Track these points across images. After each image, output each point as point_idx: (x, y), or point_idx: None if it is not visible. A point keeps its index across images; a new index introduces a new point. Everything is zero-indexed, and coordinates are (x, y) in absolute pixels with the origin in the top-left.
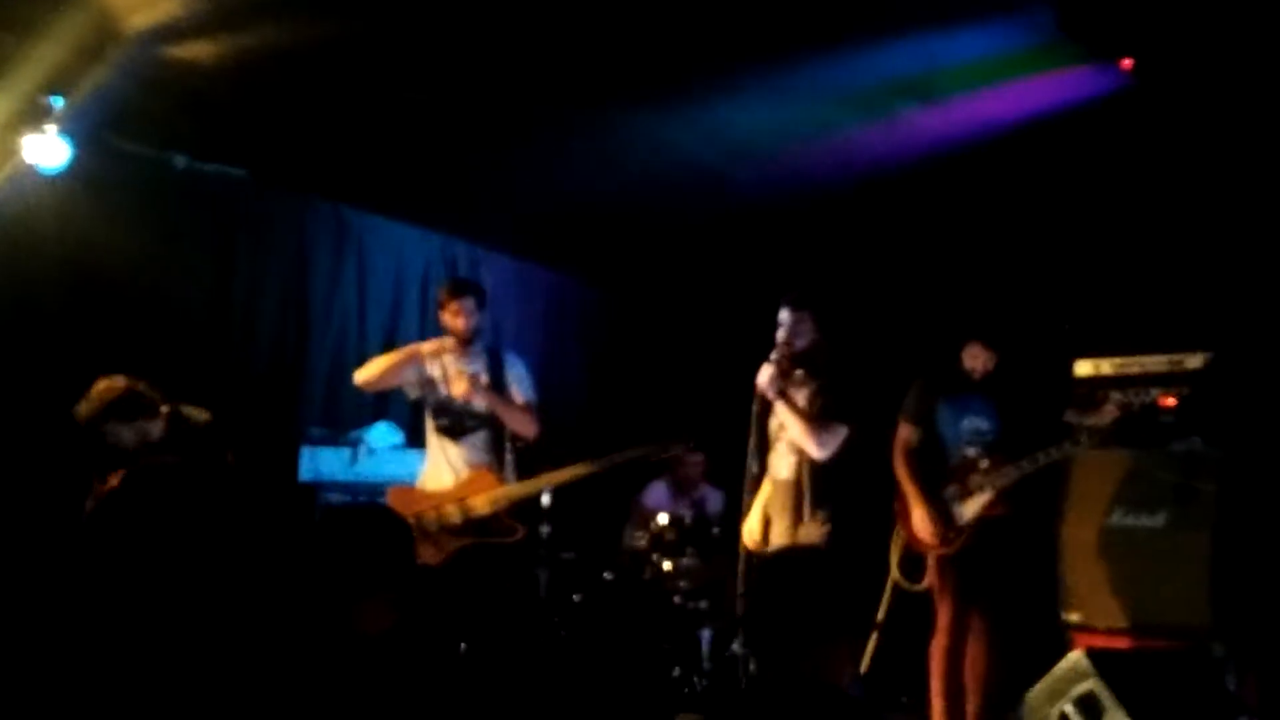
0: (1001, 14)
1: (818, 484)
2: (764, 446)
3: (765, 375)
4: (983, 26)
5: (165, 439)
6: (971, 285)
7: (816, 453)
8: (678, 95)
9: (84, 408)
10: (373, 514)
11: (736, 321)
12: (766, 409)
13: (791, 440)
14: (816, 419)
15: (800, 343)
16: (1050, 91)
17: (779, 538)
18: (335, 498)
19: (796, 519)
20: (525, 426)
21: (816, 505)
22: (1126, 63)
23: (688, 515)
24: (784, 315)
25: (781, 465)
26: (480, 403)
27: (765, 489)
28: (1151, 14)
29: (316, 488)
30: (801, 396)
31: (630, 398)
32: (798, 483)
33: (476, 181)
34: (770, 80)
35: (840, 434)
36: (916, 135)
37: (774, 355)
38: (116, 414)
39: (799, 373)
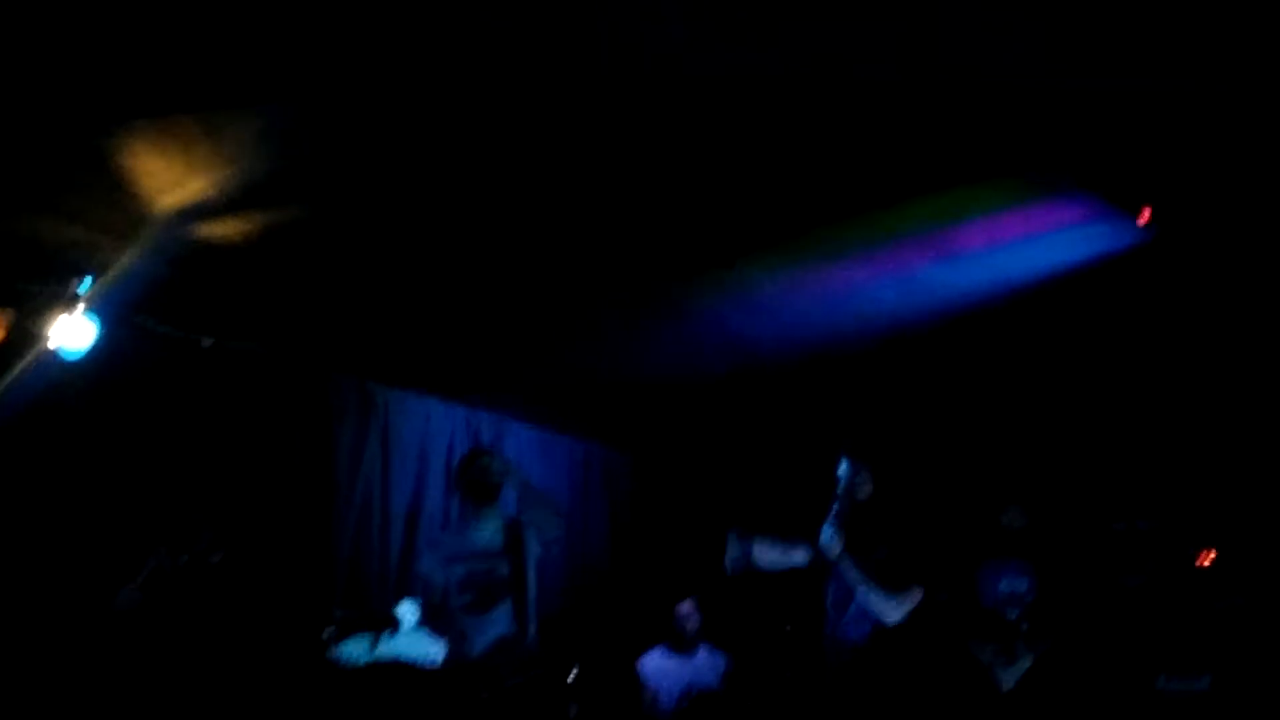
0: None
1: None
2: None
3: (827, 535)
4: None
5: None
6: (1006, 445)
7: (890, 618)
8: (703, 266)
9: None
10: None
11: (762, 480)
12: (826, 571)
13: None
14: (891, 584)
15: (861, 495)
16: (1070, 247)
17: None
18: None
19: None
20: (554, 523)
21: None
22: (1145, 214)
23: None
24: (843, 468)
25: (851, 628)
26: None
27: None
28: (1169, 166)
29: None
30: (868, 558)
31: (656, 560)
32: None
33: (498, 354)
34: (792, 245)
35: (914, 597)
36: (939, 292)
37: (834, 511)
38: None
39: (867, 530)
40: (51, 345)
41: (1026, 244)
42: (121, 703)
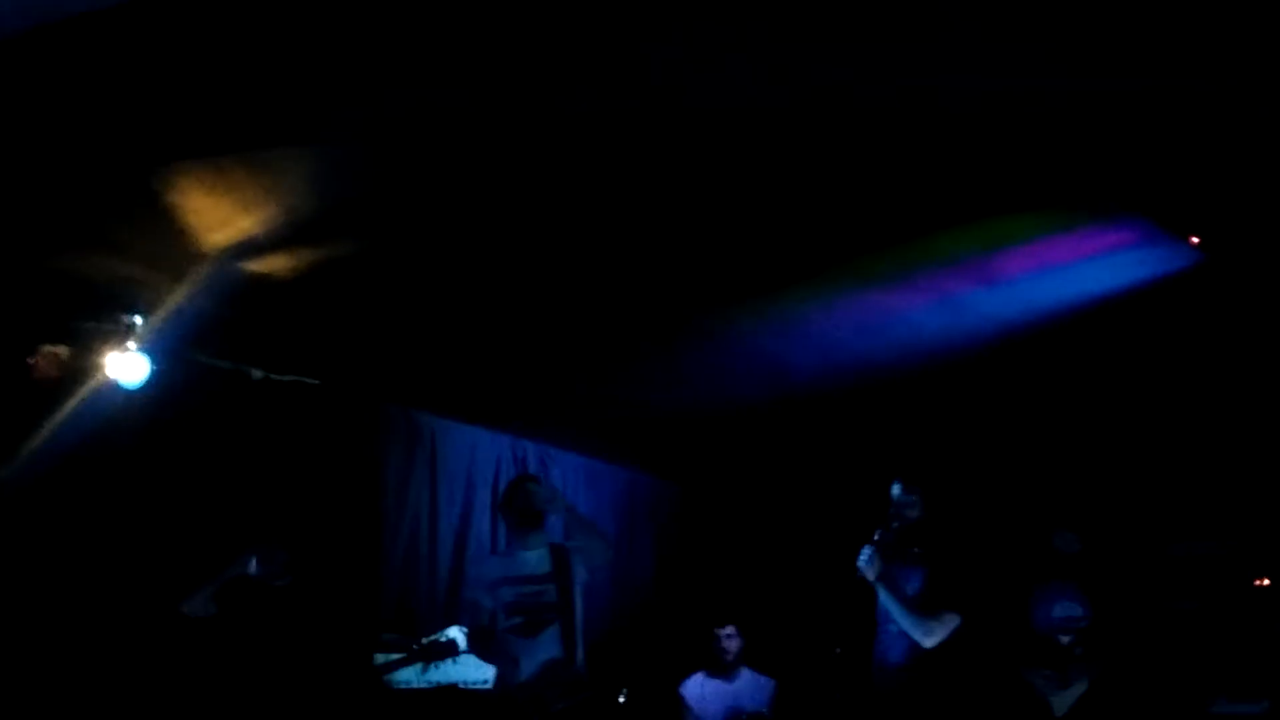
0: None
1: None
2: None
3: (865, 557)
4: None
5: None
6: (1058, 469)
7: (925, 641)
8: (746, 295)
9: None
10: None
11: (810, 505)
12: (863, 592)
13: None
14: (926, 607)
15: (910, 516)
16: (1120, 270)
17: None
18: None
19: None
20: (600, 550)
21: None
22: (1194, 239)
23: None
24: (895, 491)
25: (890, 651)
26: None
27: None
28: (1218, 191)
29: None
30: (911, 580)
31: (701, 587)
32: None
33: (544, 384)
34: (836, 272)
35: (951, 623)
36: (984, 316)
37: (879, 534)
38: None
39: (914, 552)
40: (106, 379)
41: (1074, 268)
42: (185, 705)
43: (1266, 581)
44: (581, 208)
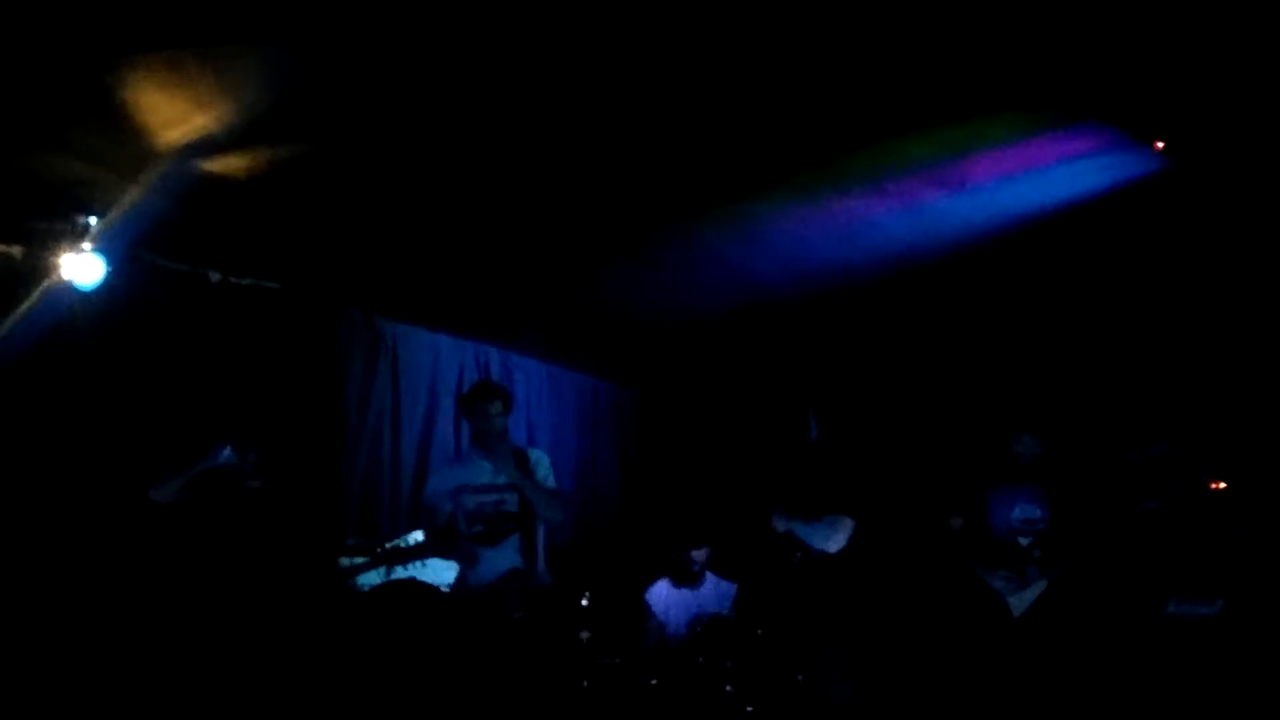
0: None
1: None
2: None
3: (774, 518)
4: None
5: None
6: (1019, 373)
7: (828, 547)
8: (712, 200)
9: None
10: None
11: (771, 410)
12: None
13: None
14: (817, 519)
15: (812, 435)
16: (1084, 177)
17: None
18: None
19: None
20: (553, 510)
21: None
22: (1159, 145)
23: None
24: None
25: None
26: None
27: None
28: (1184, 96)
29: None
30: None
31: (666, 494)
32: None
33: (506, 290)
34: (799, 179)
35: (845, 526)
36: (953, 223)
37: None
38: None
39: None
40: (60, 280)
41: (1038, 174)
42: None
43: (1222, 485)
44: (546, 109)
